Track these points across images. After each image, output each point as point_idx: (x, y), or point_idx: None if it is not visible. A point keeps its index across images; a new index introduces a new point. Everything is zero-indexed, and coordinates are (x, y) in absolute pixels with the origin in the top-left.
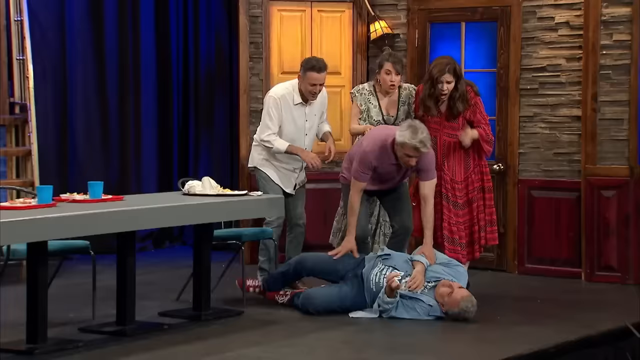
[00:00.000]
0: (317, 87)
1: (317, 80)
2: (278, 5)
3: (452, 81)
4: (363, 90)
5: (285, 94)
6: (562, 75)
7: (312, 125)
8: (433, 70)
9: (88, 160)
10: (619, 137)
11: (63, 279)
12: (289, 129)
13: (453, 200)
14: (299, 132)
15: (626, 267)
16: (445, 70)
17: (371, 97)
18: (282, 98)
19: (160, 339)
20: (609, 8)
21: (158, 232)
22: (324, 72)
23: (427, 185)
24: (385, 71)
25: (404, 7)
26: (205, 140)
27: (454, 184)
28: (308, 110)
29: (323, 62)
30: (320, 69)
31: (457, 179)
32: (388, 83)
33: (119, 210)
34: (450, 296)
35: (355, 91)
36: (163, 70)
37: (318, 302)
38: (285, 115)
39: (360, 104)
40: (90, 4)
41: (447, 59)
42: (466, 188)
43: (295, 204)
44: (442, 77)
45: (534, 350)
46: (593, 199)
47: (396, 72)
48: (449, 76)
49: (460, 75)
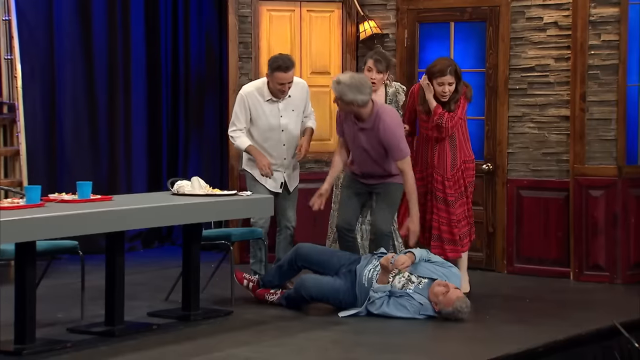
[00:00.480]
0: (285, 86)
1: (285, 80)
2: (267, 5)
3: (453, 83)
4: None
5: (254, 90)
6: (550, 75)
7: (290, 121)
8: (433, 69)
9: (77, 160)
10: (607, 137)
11: (51, 279)
12: (260, 125)
13: (444, 199)
14: (273, 129)
15: (614, 267)
16: (447, 72)
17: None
18: (249, 94)
19: (149, 340)
20: (597, 8)
21: (147, 232)
22: (292, 71)
23: (401, 163)
24: (367, 68)
25: (393, 7)
26: (195, 140)
27: (445, 181)
28: (282, 106)
29: (290, 60)
30: (287, 68)
31: (448, 175)
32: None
33: (108, 210)
34: (445, 295)
35: None
36: (152, 70)
37: (311, 288)
38: (255, 112)
39: None
40: (79, 3)
41: (449, 61)
42: (457, 183)
43: (285, 206)
44: (443, 79)
45: (523, 350)
46: (581, 199)
47: (377, 70)
48: (450, 78)
49: (460, 77)
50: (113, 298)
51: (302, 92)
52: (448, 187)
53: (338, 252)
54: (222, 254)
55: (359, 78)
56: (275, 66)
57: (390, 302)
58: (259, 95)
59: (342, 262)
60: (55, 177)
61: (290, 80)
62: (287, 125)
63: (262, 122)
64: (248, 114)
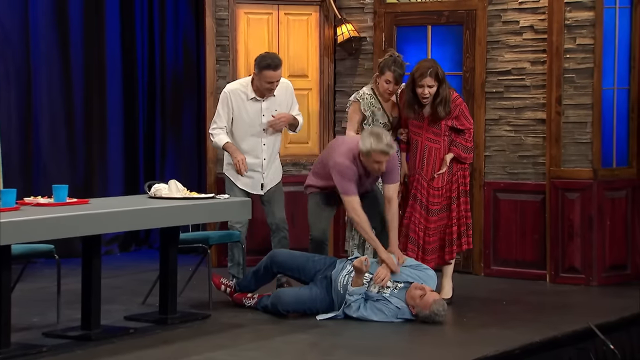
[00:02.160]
0: (274, 85)
1: (274, 78)
2: (245, 8)
3: (434, 85)
4: (364, 95)
5: (238, 87)
6: (527, 78)
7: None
8: (415, 73)
9: (52, 163)
10: (582, 140)
11: (27, 283)
12: (242, 123)
13: (426, 205)
14: (255, 127)
15: (590, 269)
16: (427, 74)
17: (373, 101)
18: (232, 92)
19: (126, 343)
20: (573, 12)
21: (124, 236)
22: (280, 69)
23: (392, 187)
24: (385, 80)
25: (371, 10)
26: (172, 143)
27: (431, 189)
28: (265, 105)
29: (278, 58)
30: (277, 66)
31: (436, 185)
32: (386, 91)
33: (84, 214)
34: (422, 299)
35: (358, 98)
36: (129, 72)
37: (288, 301)
38: (238, 110)
39: (365, 109)
40: (55, 5)
41: (430, 63)
42: (445, 194)
43: (272, 208)
44: (422, 81)
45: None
46: (557, 202)
47: (396, 82)
48: (430, 80)
49: (442, 79)
50: (89, 302)
51: (286, 92)
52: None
53: (314, 257)
54: (199, 257)
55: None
56: (264, 64)
57: (368, 306)
58: (243, 93)
59: (317, 267)
60: (30, 180)
61: (279, 79)
62: (266, 125)
63: (243, 120)
64: (231, 112)
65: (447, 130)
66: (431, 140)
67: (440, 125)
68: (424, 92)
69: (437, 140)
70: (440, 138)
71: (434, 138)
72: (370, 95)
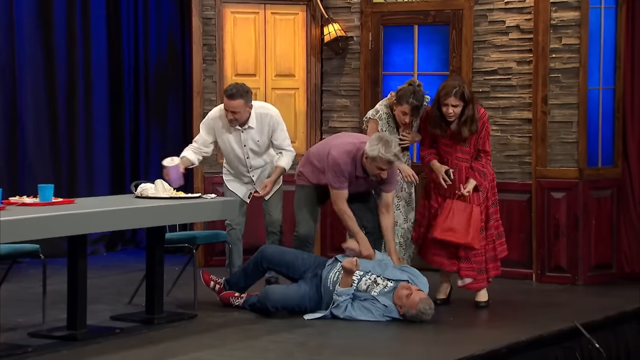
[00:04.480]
0: (229, 114)
1: (228, 107)
2: (231, 7)
3: (458, 105)
4: (382, 115)
5: (218, 116)
6: (512, 78)
7: (256, 150)
8: (441, 91)
9: (38, 163)
10: (568, 140)
11: (12, 283)
12: (225, 151)
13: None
14: (238, 157)
15: (576, 268)
16: (452, 94)
17: (390, 120)
18: (214, 119)
19: (112, 344)
20: (558, 12)
21: (110, 235)
22: (238, 100)
23: (390, 196)
24: (402, 111)
25: (357, 9)
26: (158, 142)
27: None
28: (244, 136)
29: (236, 88)
30: (231, 95)
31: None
32: (402, 121)
33: (70, 214)
34: (408, 298)
35: (375, 117)
36: (114, 72)
37: (277, 298)
38: (219, 138)
39: (382, 129)
40: (40, 5)
41: (456, 82)
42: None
43: (269, 210)
44: (447, 100)
45: (487, 351)
46: (543, 201)
47: (412, 114)
48: (454, 100)
49: (468, 99)
50: (75, 302)
51: (262, 122)
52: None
53: (303, 254)
54: (186, 257)
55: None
56: (224, 91)
57: (355, 306)
58: (222, 121)
59: (307, 265)
60: (16, 180)
61: (234, 109)
62: (255, 154)
63: (226, 148)
64: (211, 135)
65: (476, 149)
66: (459, 159)
67: (469, 144)
68: (449, 112)
69: (465, 159)
70: (469, 157)
71: (462, 157)
72: (387, 115)
